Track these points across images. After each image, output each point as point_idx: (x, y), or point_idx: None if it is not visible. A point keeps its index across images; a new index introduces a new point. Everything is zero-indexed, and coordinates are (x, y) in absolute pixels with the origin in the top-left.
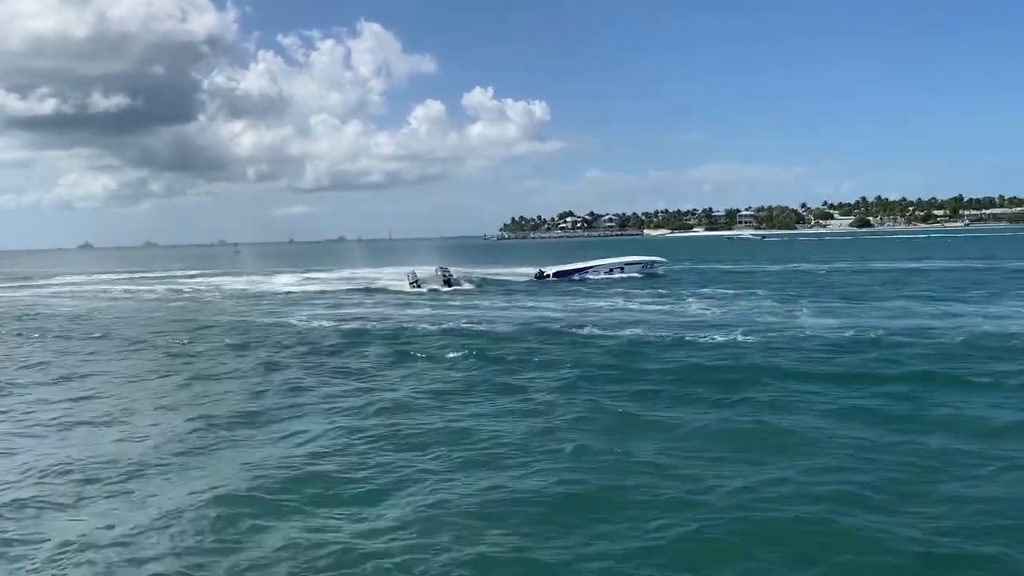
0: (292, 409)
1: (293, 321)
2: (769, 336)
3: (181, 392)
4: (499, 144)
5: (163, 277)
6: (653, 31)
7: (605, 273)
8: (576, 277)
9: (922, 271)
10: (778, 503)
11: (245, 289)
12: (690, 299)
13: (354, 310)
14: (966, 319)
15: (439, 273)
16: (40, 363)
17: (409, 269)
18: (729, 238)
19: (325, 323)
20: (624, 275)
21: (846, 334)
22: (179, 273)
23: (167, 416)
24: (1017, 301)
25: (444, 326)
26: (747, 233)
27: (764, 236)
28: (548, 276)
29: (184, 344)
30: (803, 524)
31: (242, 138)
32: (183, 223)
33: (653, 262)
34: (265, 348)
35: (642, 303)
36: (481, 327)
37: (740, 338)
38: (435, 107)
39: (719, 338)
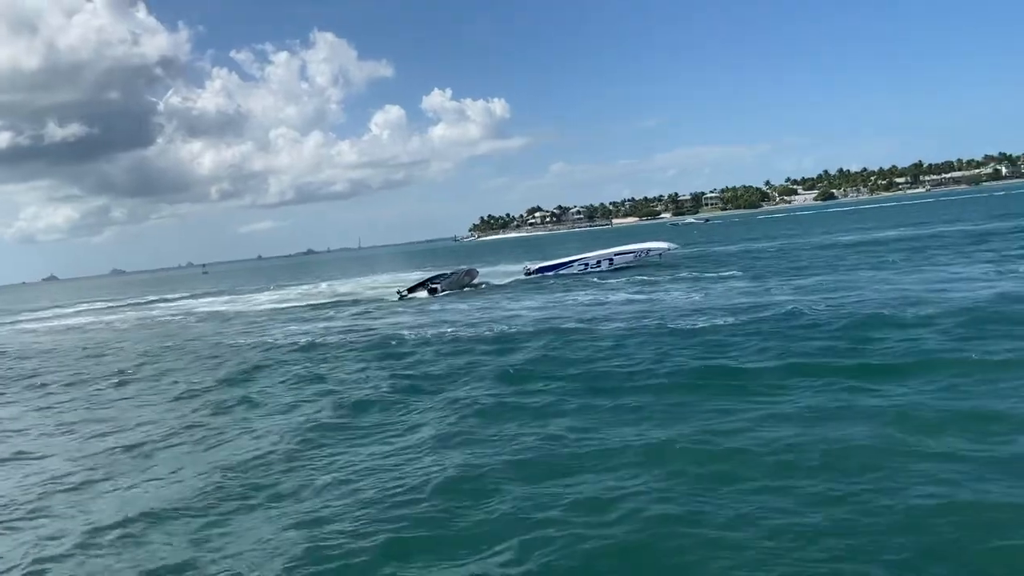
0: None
1: (279, 339)
2: None
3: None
4: (462, 144)
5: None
6: (602, 20)
7: (594, 266)
8: (564, 271)
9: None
10: None
11: (240, 311)
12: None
13: (347, 323)
14: None
15: (453, 279)
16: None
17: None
18: (673, 224)
19: (331, 338)
20: (613, 267)
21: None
22: (154, 298)
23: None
24: None
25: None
26: (690, 218)
27: (708, 219)
28: (532, 272)
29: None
30: None
31: (202, 158)
32: (149, 248)
33: (648, 250)
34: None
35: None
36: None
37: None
38: (395, 112)
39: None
